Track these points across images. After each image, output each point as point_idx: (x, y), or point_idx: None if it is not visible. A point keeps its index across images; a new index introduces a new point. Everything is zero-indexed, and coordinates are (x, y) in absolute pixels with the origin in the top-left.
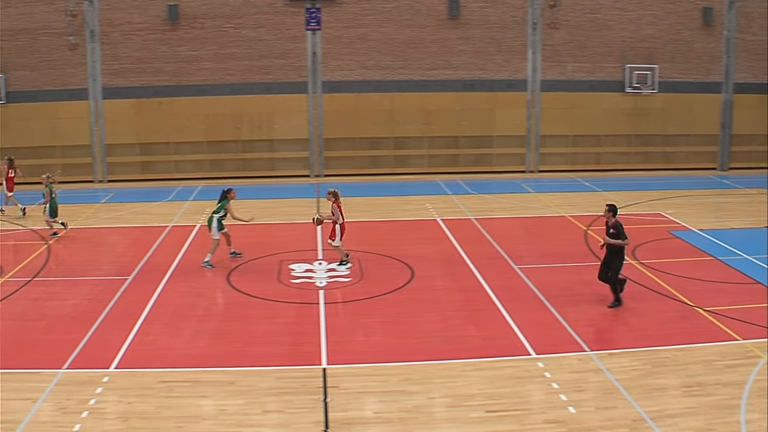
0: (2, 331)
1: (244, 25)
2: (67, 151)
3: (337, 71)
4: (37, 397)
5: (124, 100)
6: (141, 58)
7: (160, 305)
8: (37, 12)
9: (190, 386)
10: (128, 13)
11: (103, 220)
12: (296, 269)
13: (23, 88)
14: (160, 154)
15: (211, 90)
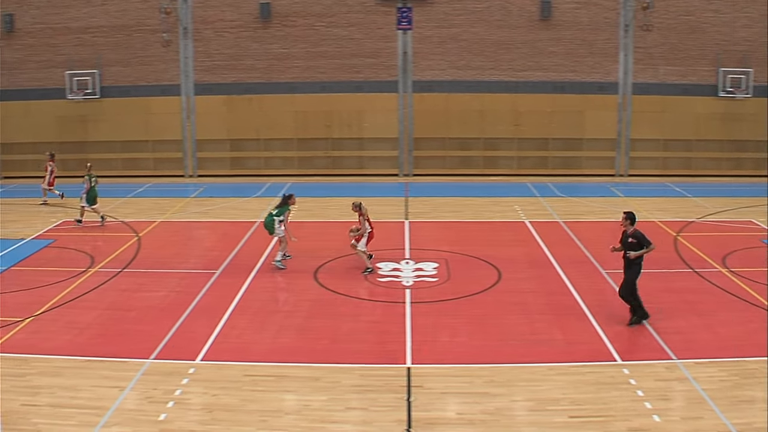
0: (92, 321)
1: (336, 23)
2: (159, 145)
3: (428, 71)
4: (125, 386)
5: (216, 96)
6: (233, 55)
7: (246, 300)
8: (132, 9)
9: (274, 381)
10: (221, 11)
11: (193, 214)
12: (383, 268)
13: (117, 84)
14: (250, 150)
15: (301, 88)
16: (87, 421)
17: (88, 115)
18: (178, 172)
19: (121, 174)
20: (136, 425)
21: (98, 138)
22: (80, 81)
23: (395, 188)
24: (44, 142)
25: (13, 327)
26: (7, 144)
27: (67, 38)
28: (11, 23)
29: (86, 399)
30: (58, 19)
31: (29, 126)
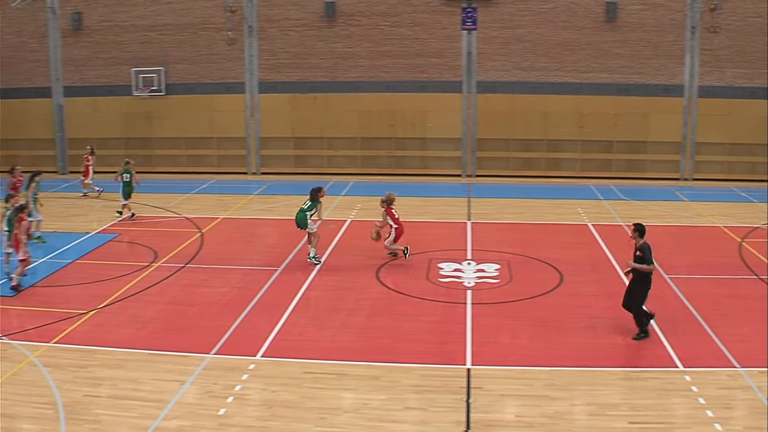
0: (154, 315)
1: (400, 23)
2: (223, 142)
3: (492, 71)
4: (185, 380)
5: (280, 94)
6: (297, 54)
7: (308, 297)
8: (197, 8)
9: (334, 379)
10: (286, 10)
11: (256, 211)
12: (445, 268)
13: (182, 81)
14: (314, 148)
15: (365, 87)
16: (147, 414)
17: (153, 111)
18: (242, 170)
19: (185, 170)
20: (195, 419)
21: (163, 134)
22: (146, 78)
23: (458, 189)
24: (110, 137)
25: (77, 319)
26: (73, 139)
27: (133, 36)
28: (79, 21)
29: (147, 392)
30: (125, 17)
31: (96, 122)
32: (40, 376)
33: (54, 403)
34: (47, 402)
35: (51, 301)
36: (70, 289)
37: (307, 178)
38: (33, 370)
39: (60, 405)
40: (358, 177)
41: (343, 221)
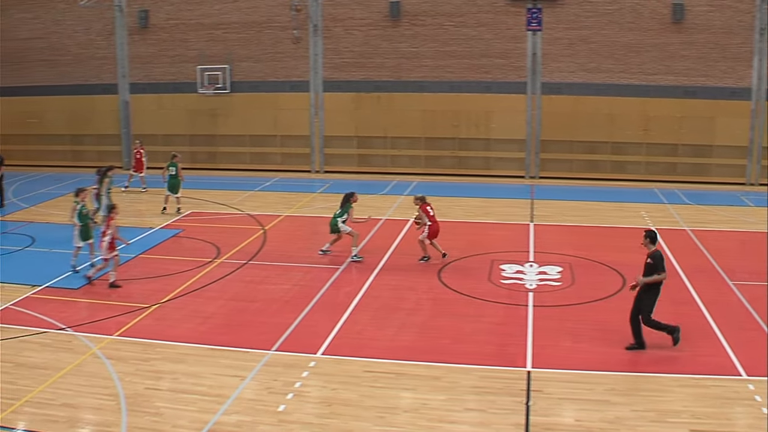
0: (216, 310)
1: (465, 23)
2: (287, 140)
3: (557, 73)
4: (246, 376)
5: (344, 93)
6: (362, 53)
7: (369, 296)
8: (263, 6)
9: (393, 378)
10: (351, 9)
11: (318, 209)
12: (507, 270)
13: (247, 79)
14: (377, 147)
15: (430, 87)
16: (207, 408)
17: (218, 109)
18: (305, 168)
19: (249, 167)
20: (254, 415)
21: (227, 132)
22: (211, 76)
23: (521, 190)
24: (175, 134)
25: (140, 313)
26: (139, 135)
27: (199, 34)
28: (146, 19)
29: (208, 386)
30: (191, 15)
31: (161, 119)
32: (103, 368)
33: (116, 395)
34: (109, 393)
35: (115, 295)
36: (134, 283)
37: (370, 178)
38: (96, 362)
39: (122, 397)
40: (422, 177)
41: (405, 221)
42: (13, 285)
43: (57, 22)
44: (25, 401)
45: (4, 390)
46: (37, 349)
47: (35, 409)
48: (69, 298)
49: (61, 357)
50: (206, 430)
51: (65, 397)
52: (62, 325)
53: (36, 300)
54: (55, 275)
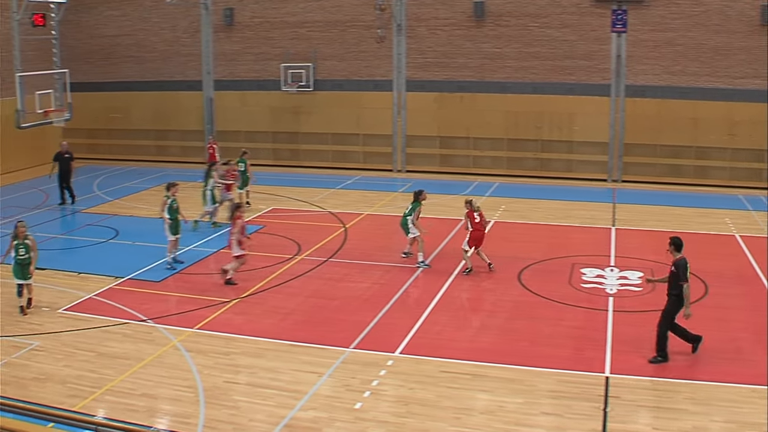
0: (296, 307)
1: (549, 24)
2: (369, 139)
3: (641, 75)
4: (323, 372)
5: (427, 93)
6: (445, 53)
7: (448, 296)
8: (347, 5)
9: (471, 379)
10: (435, 9)
11: (399, 208)
12: (587, 274)
13: (331, 77)
14: (459, 148)
15: (513, 87)
16: (284, 403)
17: (301, 106)
18: (387, 167)
19: (331, 165)
20: (331, 411)
21: (310, 129)
22: (295, 74)
23: (603, 194)
24: (258, 131)
25: (220, 307)
26: (222, 132)
27: (283, 32)
28: (231, 17)
29: (285, 382)
30: (276, 13)
31: (244, 115)
32: (182, 360)
33: (195, 387)
34: (188, 385)
35: (196, 288)
36: (215, 277)
37: (451, 178)
38: (176, 354)
39: (200, 389)
40: (503, 178)
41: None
42: (97, 276)
43: (144, 19)
44: (106, 390)
45: (86, 378)
46: (118, 340)
47: (116, 398)
48: (151, 290)
49: (142, 348)
50: (282, 425)
51: (145, 387)
52: (144, 317)
53: (119, 291)
54: (137, 267)
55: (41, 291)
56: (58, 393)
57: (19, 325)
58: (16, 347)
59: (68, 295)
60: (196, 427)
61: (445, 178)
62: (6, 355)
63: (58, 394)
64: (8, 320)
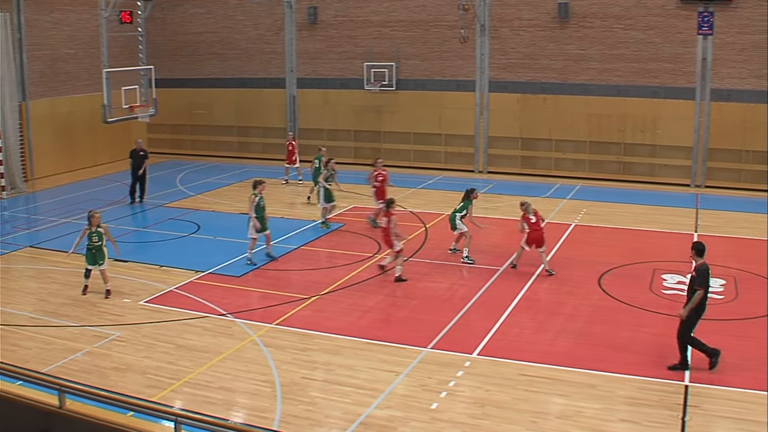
0: (374, 305)
1: (634, 26)
2: (451, 139)
3: (727, 79)
4: (400, 371)
5: (510, 94)
6: (528, 54)
7: (528, 299)
8: (431, 5)
9: (548, 383)
10: (518, 10)
11: (480, 209)
12: (668, 280)
13: (413, 77)
14: (542, 150)
15: (596, 90)
16: (361, 401)
17: (383, 106)
18: (469, 167)
19: (412, 165)
20: (407, 411)
21: (392, 129)
22: (377, 73)
23: (686, 199)
24: (340, 129)
25: (299, 303)
26: (305, 129)
27: (366, 31)
28: (315, 15)
29: (362, 380)
30: (359, 12)
31: (327, 113)
32: (261, 355)
33: (272, 382)
34: (266, 380)
35: (276, 285)
36: (295, 274)
37: (533, 180)
38: (254, 349)
39: (278, 384)
40: (585, 181)
41: (567, 225)
42: (178, 269)
43: (228, 17)
44: (184, 382)
45: (165, 370)
46: (198, 333)
47: (194, 390)
48: (231, 285)
49: (220, 342)
50: (358, 422)
51: (223, 380)
52: (223, 311)
53: (199, 285)
54: (218, 262)
55: (123, 282)
56: (138, 383)
57: (101, 316)
58: (98, 337)
59: (149, 288)
60: (273, 422)
61: (527, 180)
62: (88, 344)
63: (138, 384)
64: (91, 311)
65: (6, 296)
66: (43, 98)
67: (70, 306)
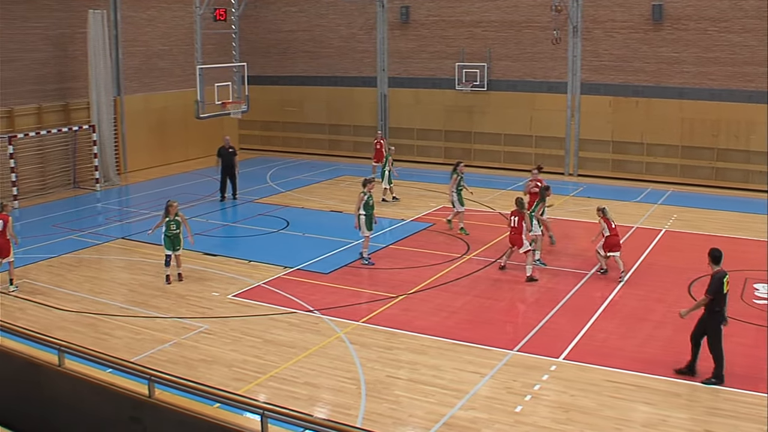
0: (461, 306)
1: (730, 29)
2: (541, 141)
3: None
4: (486, 373)
5: (602, 96)
6: (621, 56)
7: (615, 304)
8: (523, 6)
9: (635, 390)
10: (612, 11)
11: (570, 212)
12: (760, 289)
13: (504, 78)
14: (633, 153)
15: (689, 93)
16: (445, 401)
17: (474, 106)
18: (559, 170)
19: (502, 166)
20: (491, 413)
21: (482, 129)
22: (469, 73)
23: None
24: (431, 129)
25: (387, 302)
26: (395, 128)
27: (458, 31)
28: (407, 15)
29: (447, 380)
30: (452, 12)
31: (417, 113)
32: (346, 352)
33: (357, 379)
34: (351, 377)
35: (363, 282)
36: (383, 272)
37: (623, 184)
38: (340, 346)
39: (362, 382)
40: (677, 186)
41: (657, 231)
42: (267, 265)
43: (321, 15)
44: (270, 376)
45: (251, 363)
46: (285, 328)
47: (279, 384)
48: (319, 281)
49: (307, 337)
50: (441, 423)
51: (308, 376)
52: (310, 307)
53: (287, 281)
54: (306, 259)
55: (212, 276)
56: (224, 375)
57: (190, 308)
58: (186, 329)
59: (238, 282)
60: (357, 419)
61: (617, 184)
62: (176, 335)
63: (224, 376)
64: (180, 303)
65: (98, 286)
66: (137, 93)
67: (159, 297)
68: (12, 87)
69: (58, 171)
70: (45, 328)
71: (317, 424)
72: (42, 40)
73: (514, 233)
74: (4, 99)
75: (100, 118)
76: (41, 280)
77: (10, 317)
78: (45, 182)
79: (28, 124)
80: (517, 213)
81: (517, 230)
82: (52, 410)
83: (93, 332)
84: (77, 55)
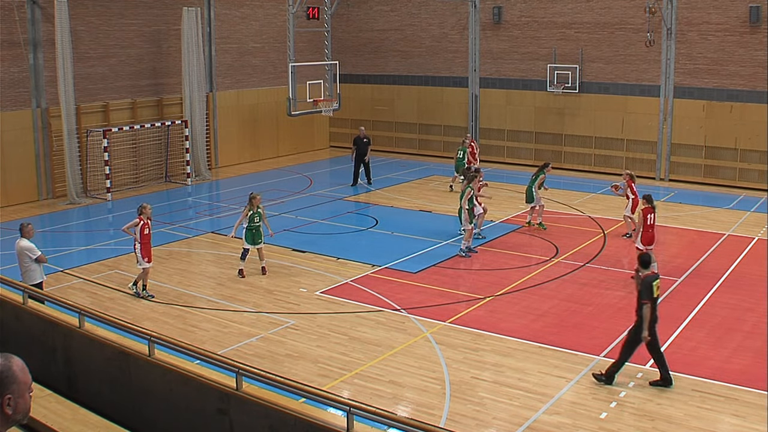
0: (549, 309)
1: None
2: (632, 145)
3: None
4: (571, 378)
5: (695, 100)
6: (716, 60)
7: (705, 312)
8: (617, 7)
9: (723, 401)
10: (707, 13)
11: (661, 218)
12: None
13: (597, 80)
14: (726, 159)
15: None
16: (529, 405)
17: (565, 108)
18: (650, 174)
19: (593, 170)
20: (575, 418)
21: (573, 132)
22: (561, 74)
23: None
24: (521, 130)
25: (474, 303)
26: (485, 129)
27: (551, 32)
28: (499, 15)
29: (532, 384)
30: (544, 13)
31: (508, 114)
32: (432, 352)
33: (441, 380)
34: (435, 377)
35: (451, 283)
36: (471, 273)
37: (716, 190)
38: (426, 345)
39: (447, 382)
40: None
41: (750, 238)
42: (355, 262)
43: (413, 15)
44: (355, 373)
45: (336, 360)
46: (371, 326)
47: (363, 381)
48: (406, 281)
49: (393, 336)
50: (525, 426)
51: (393, 374)
52: (397, 306)
53: (374, 279)
54: (395, 257)
55: (300, 272)
56: (309, 371)
57: (277, 304)
58: (274, 324)
59: (326, 279)
60: (440, 419)
61: (709, 190)
62: (263, 330)
63: (309, 372)
64: (267, 298)
65: (187, 278)
66: (230, 90)
67: (247, 292)
68: (108, 82)
69: (151, 165)
70: (135, 318)
71: (402, 422)
72: (137, 37)
73: (652, 231)
74: (99, 94)
75: (192, 113)
76: (132, 272)
77: (101, 307)
78: (138, 176)
79: (122, 119)
80: (650, 210)
81: (653, 227)
82: (141, 398)
83: (181, 324)
84: (171, 52)
